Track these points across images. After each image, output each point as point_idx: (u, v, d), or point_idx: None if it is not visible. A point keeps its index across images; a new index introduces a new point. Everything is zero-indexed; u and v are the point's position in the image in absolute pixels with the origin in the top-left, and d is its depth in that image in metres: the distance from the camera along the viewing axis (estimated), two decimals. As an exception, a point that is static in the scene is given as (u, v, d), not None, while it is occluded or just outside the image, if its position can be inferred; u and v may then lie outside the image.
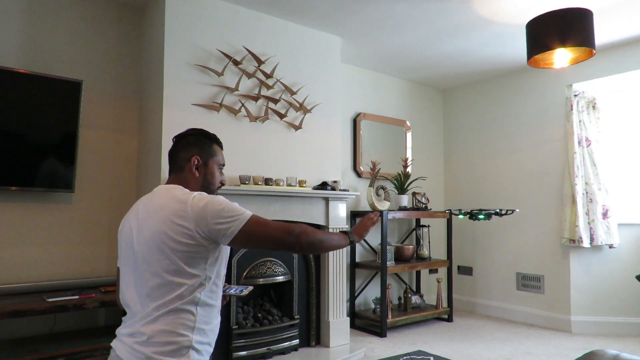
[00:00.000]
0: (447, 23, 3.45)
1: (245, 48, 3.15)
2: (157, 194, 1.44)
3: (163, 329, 1.29)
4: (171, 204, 1.35)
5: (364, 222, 1.65)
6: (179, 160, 1.52)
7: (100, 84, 3.05)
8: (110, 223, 3.05)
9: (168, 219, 1.32)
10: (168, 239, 1.30)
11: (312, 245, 1.43)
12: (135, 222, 1.42)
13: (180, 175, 1.51)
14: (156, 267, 1.32)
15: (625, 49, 3.83)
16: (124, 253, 1.44)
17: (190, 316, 1.32)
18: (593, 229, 3.92)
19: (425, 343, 3.60)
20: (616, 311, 3.91)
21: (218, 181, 1.57)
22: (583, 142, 4.03)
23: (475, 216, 2.60)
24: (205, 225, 1.30)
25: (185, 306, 1.31)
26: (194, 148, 1.52)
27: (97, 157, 3.02)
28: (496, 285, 4.63)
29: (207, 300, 1.36)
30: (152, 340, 1.29)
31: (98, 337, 2.61)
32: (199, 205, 1.32)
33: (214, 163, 1.55)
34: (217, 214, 1.31)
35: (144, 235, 1.35)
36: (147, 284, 1.33)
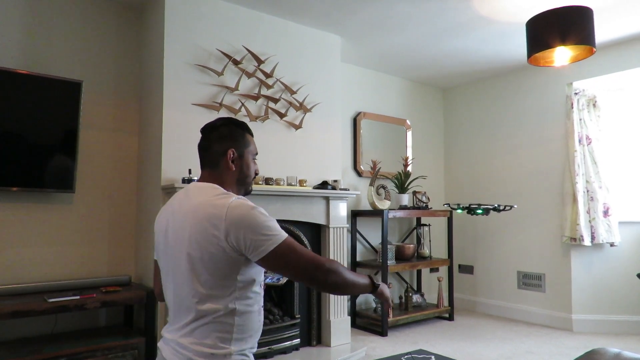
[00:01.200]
0: (447, 22, 3.45)
1: (245, 47, 3.15)
2: (193, 193, 1.34)
3: (202, 342, 1.24)
4: (207, 208, 1.25)
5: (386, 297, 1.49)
6: (212, 154, 1.40)
7: (100, 84, 3.05)
8: (111, 223, 3.05)
9: (202, 225, 1.23)
10: (200, 246, 1.23)
11: (337, 286, 1.31)
12: (171, 222, 1.35)
13: (215, 170, 1.40)
14: (191, 276, 1.25)
15: (625, 47, 3.82)
16: (162, 252, 1.39)
17: (227, 327, 1.26)
18: (594, 227, 3.92)
19: (427, 342, 3.60)
20: (617, 309, 3.90)
21: (253, 172, 1.48)
22: (584, 141, 4.03)
23: (474, 211, 2.60)
24: (236, 237, 1.21)
25: (221, 318, 1.25)
26: (228, 140, 1.41)
27: (98, 157, 3.02)
28: (497, 284, 4.62)
29: (244, 309, 1.28)
30: (191, 350, 1.24)
31: (99, 338, 2.62)
32: (234, 213, 1.22)
33: (249, 153, 1.45)
34: (252, 227, 1.21)
35: (179, 239, 1.29)
36: (183, 292, 1.28)
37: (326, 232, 3.43)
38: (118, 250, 3.07)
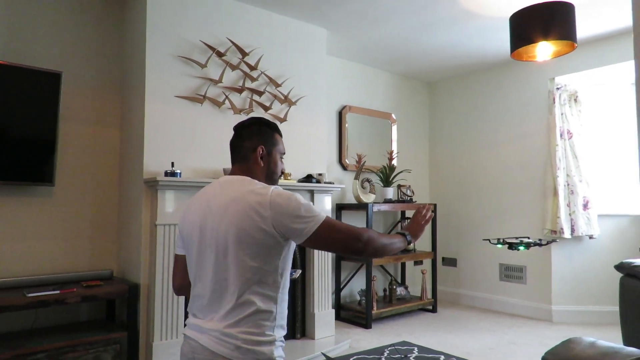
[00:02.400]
0: (433, 15, 3.46)
1: (229, 39, 3.11)
2: (229, 185, 1.42)
3: (249, 330, 1.29)
4: (249, 197, 1.33)
5: (418, 221, 1.64)
6: (243, 150, 1.51)
7: (80, 75, 2.99)
8: (93, 217, 3.01)
9: (246, 213, 1.30)
10: (245, 234, 1.30)
11: (376, 251, 1.44)
12: (209, 215, 1.39)
13: (244, 165, 1.50)
14: (237, 263, 1.31)
15: (606, 42, 3.88)
16: (195, 245, 1.41)
17: (270, 316, 1.33)
18: (574, 220, 3.99)
19: (410, 334, 3.64)
20: (595, 300, 3.99)
21: (280, 170, 1.59)
22: (565, 135, 4.09)
23: (515, 247, 2.63)
24: (281, 223, 1.30)
25: (265, 307, 1.32)
26: (258, 138, 1.52)
27: (78, 150, 2.97)
28: (480, 276, 4.69)
29: (282, 297, 1.37)
30: (239, 339, 1.29)
31: (80, 332, 2.59)
32: (277, 201, 1.31)
33: (277, 152, 1.56)
34: (294, 212, 1.31)
35: (221, 230, 1.33)
36: (226, 281, 1.33)
37: (311, 226, 3.43)
38: (100, 244, 3.03)
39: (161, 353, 2.65)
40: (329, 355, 2.91)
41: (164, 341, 2.67)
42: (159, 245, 2.69)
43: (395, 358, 3.01)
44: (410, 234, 1.60)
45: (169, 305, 2.70)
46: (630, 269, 2.15)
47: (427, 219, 1.66)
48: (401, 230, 1.58)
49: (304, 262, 3.45)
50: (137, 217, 2.81)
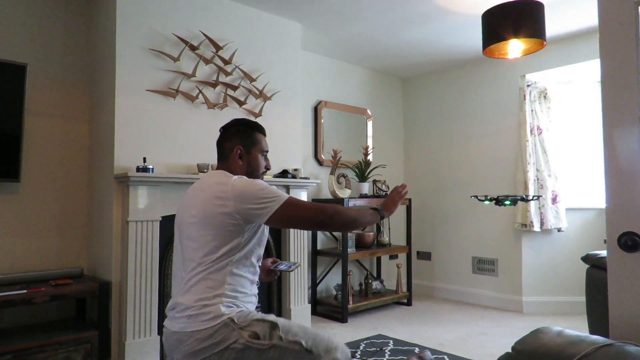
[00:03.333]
0: (407, 12, 3.48)
1: (203, 33, 3.06)
2: (203, 179, 1.60)
3: (196, 297, 1.42)
4: (213, 186, 1.50)
5: (393, 197, 1.72)
6: (224, 150, 1.65)
7: (47, 67, 2.89)
8: (61, 214, 2.92)
9: (209, 199, 1.47)
10: (209, 216, 1.45)
11: (345, 224, 1.55)
12: (183, 207, 1.58)
13: (225, 163, 1.64)
14: (194, 241, 1.47)
15: (573, 41, 3.99)
16: (176, 229, 1.60)
17: (218, 285, 1.44)
18: (543, 214, 4.10)
19: (386, 327, 3.68)
20: (563, 291, 4.12)
21: (262, 167, 1.70)
22: (535, 131, 4.19)
23: (502, 202, 2.68)
24: (243, 208, 1.43)
25: (215, 277, 1.44)
26: (237, 138, 1.64)
27: (45, 145, 2.88)
28: (453, 270, 4.78)
29: (236, 271, 1.48)
30: (186, 305, 1.42)
31: (49, 332, 2.52)
32: (237, 187, 1.46)
33: (257, 151, 1.67)
34: (255, 195, 1.44)
35: (189, 214, 1.51)
36: (187, 258, 1.49)
37: (286, 221, 3.42)
38: (69, 241, 2.95)
39: (134, 352, 2.60)
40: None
41: (137, 339, 2.62)
42: (131, 242, 2.63)
43: (371, 351, 3.04)
44: (384, 209, 1.67)
45: (141, 303, 2.65)
46: (596, 260, 2.23)
47: (402, 196, 1.73)
48: (374, 206, 1.66)
49: (280, 257, 3.44)
50: (107, 214, 2.74)
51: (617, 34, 1.26)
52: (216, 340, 1.39)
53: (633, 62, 1.24)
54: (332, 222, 1.50)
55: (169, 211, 2.80)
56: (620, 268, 1.24)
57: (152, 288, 2.70)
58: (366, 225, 1.61)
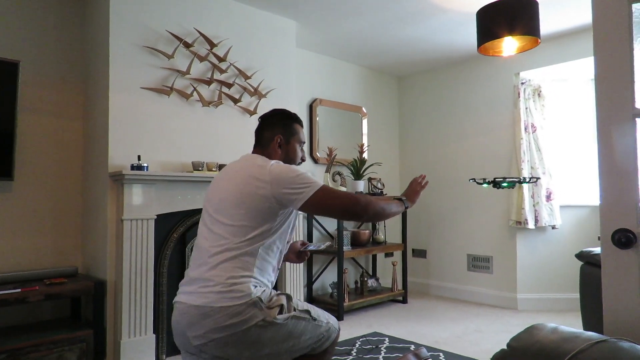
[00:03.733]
0: (402, 9, 3.48)
1: (197, 30, 3.05)
2: (241, 160, 1.65)
3: (225, 274, 1.44)
4: (252, 167, 1.54)
5: (414, 188, 1.80)
6: (263, 139, 1.70)
7: (40, 65, 2.87)
8: (55, 212, 2.91)
9: (247, 180, 1.51)
10: (244, 196, 1.49)
11: (377, 214, 1.59)
12: (218, 182, 1.62)
13: (265, 151, 1.69)
14: (227, 218, 1.50)
15: (567, 39, 4.01)
16: (206, 205, 1.63)
17: (248, 265, 1.48)
18: (538, 211, 4.12)
19: (381, 325, 3.69)
20: (558, 288, 4.15)
21: (299, 157, 1.75)
22: (529, 128, 4.21)
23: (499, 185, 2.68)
24: (279, 191, 1.47)
25: (245, 257, 1.47)
26: (278, 128, 1.69)
27: (39, 143, 2.86)
28: (448, 267, 4.79)
29: (264, 256, 1.52)
30: (216, 282, 1.44)
31: (44, 332, 2.50)
32: (275, 171, 1.50)
33: (295, 141, 1.73)
34: (292, 180, 1.48)
35: (225, 189, 1.55)
36: (216, 232, 1.51)
37: (282, 219, 3.42)
38: (63, 240, 2.94)
39: (130, 350, 2.59)
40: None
41: (133, 338, 2.62)
42: (126, 240, 2.62)
43: (367, 349, 3.05)
44: (408, 199, 1.76)
45: (137, 302, 2.64)
46: (590, 257, 2.24)
47: (423, 186, 1.82)
48: (398, 196, 1.73)
49: (276, 256, 3.44)
50: (102, 212, 2.73)
51: (611, 32, 1.27)
52: (244, 317, 1.42)
53: (626, 59, 1.25)
54: (364, 213, 1.54)
55: (164, 209, 2.78)
56: (614, 264, 1.25)
57: (148, 287, 2.69)
58: (393, 215, 1.68)
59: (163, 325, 2.79)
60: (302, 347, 1.57)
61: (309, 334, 1.58)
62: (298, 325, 1.55)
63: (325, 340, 1.64)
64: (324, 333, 1.63)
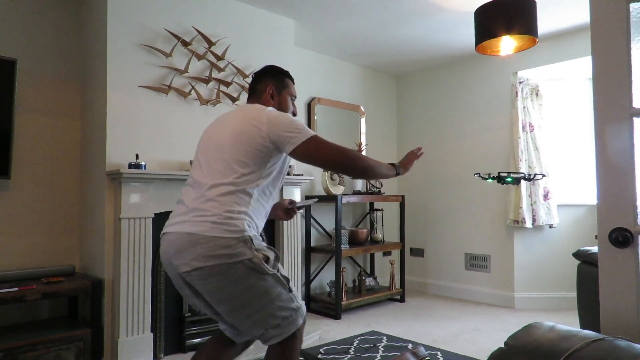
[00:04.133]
0: (400, 8, 3.48)
1: (195, 28, 3.04)
2: (237, 109, 1.74)
3: (221, 207, 1.50)
4: (250, 112, 1.63)
5: (410, 158, 1.87)
6: (257, 91, 1.81)
7: (37, 63, 2.86)
8: (52, 211, 2.90)
9: (246, 121, 1.59)
10: (243, 134, 1.56)
11: (365, 170, 1.64)
12: (215, 126, 1.69)
13: (257, 101, 1.78)
14: (226, 154, 1.56)
15: (564, 39, 4.01)
16: (202, 146, 1.68)
17: (244, 202, 1.54)
18: (535, 210, 4.13)
19: (379, 323, 3.69)
20: (555, 287, 4.16)
21: (290, 110, 1.85)
22: (527, 128, 4.22)
23: (503, 180, 2.69)
24: (274, 132, 1.55)
25: (241, 194, 1.53)
26: (269, 79, 1.81)
27: (36, 141, 2.85)
28: (446, 266, 4.80)
29: (258, 198, 1.59)
30: (212, 212, 1.49)
31: (40, 330, 2.50)
32: (273, 114, 1.60)
33: (287, 93, 1.83)
34: (287, 124, 1.57)
35: (222, 129, 1.63)
36: (213, 167, 1.57)
37: (280, 218, 3.42)
38: (61, 239, 2.93)
39: (127, 349, 2.59)
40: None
41: (130, 337, 2.61)
42: (124, 239, 2.62)
43: (365, 348, 3.05)
44: (401, 166, 1.81)
45: (134, 301, 2.64)
46: (587, 256, 2.25)
47: (417, 156, 1.89)
48: (392, 162, 1.79)
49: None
50: (99, 211, 2.72)
51: (608, 31, 1.27)
52: (233, 252, 1.47)
53: (624, 59, 1.25)
54: (352, 165, 1.59)
55: (162, 208, 2.78)
56: (611, 263, 1.26)
57: (145, 285, 2.68)
58: (382, 176, 1.72)
59: (161, 324, 2.79)
60: (270, 315, 1.55)
61: (281, 302, 1.57)
62: (276, 287, 1.56)
63: (292, 322, 1.61)
64: (293, 311, 1.61)
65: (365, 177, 1.69)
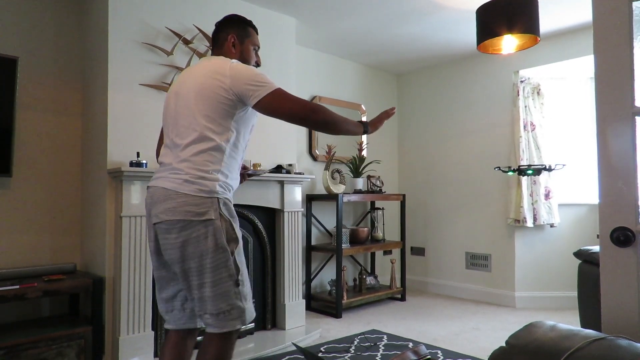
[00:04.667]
0: (401, 7, 3.47)
1: (196, 27, 3.04)
2: (200, 62, 1.72)
3: (194, 167, 1.55)
4: (213, 65, 1.62)
5: (381, 117, 1.85)
6: (219, 39, 1.79)
7: (38, 61, 2.86)
8: (53, 209, 2.90)
9: (209, 75, 1.58)
10: (207, 88, 1.56)
11: (326, 123, 1.61)
12: (179, 83, 1.68)
13: (220, 51, 1.77)
14: (194, 109, 1.57)
15: (566, 37, 4.01)
16: (169, 109, 1.69)
17: (216, 160, 1.58)
18: (536, 210, 4.13)
19: (379, 322, 3.70)
20: (556, 286, 4.16)
21: (253, 60, 1.84)
22: (528, 127, 4.21)
23: (524, 172, 2.74)
24: (238, 85, 1.55)
25: (213, 152, 1.57)
26: (231, 28, 1.79)
27: (38, 139, 2.86)
28: (447, 265, 4.80)
29: (230, 153, 1.62)
30: (185, 172, 1.55)
31: (42, 328, 2.50)
32: (237, 67, 1.59)
33: (249, 43, 1.82)
34: (250, 77, 1.56)
35: (188, 86, 1.62)
36: (183, 125, 1.59)
37: (281, 216, 3.42)
38: (62, 237, 2.93)
39: (128, 347, 2.60)
40: (299, 345, 2.92)
41: (131, 335, 2.62)
42: (125, 237, 2.62)
43: (365, 346, 3.06)
44: (370, 125, 1.79)
45: (136, 299, 2.64)
46: (588, 255, 2.24)
47: (389, 116, 1.88)
48: (362, 120, 1.77)
49: (274, 254, 3.45)
50: (101, 209, 2.73)
51: (611, 30, 1.27)
52: (200, 210, 1.52)
53: (626, 58, 1.25)
54: (316, 119, 1.57)
55: (163, 206, 2.78)
56: (613, 263, 1.25)
57: (147, 283, 2.69)
58: (347, 132, 1.69)
59: (162, 322, 2.79)
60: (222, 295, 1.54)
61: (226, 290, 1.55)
62: (222, 265, 1.55)
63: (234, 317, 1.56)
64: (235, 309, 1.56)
65: (329, 131, 1.64)
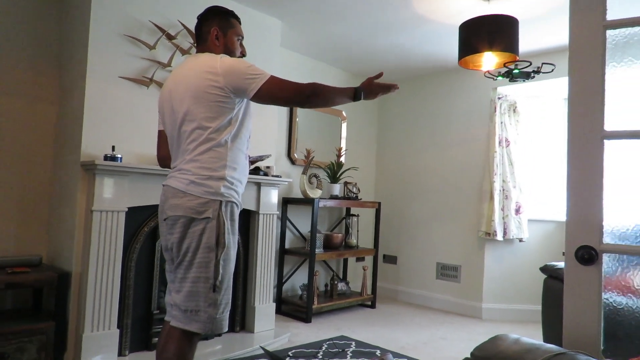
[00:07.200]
0: (386, 17, 3.52)
1: (181, 22, 3.01)
2: (187, 61, 1.73)
3: (200, 166, 1.60)
4: (201, 63, 1.63)
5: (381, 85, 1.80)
6: (202, 34, 1.79)
7: (14, 45, 2.78)
8: (21, 198, 2.81)
9: (200, 74, 1.60)
10: (201, 89, 1.58)
11: (319, 103, 1.68)
12: (172, 85, 1.69)
13: (204, 46, 1.77)
14: (194, 112, 1.60)
15: (544, 58, 4.11)
16: (166, 115, 1.72)
17: (221, 156, 1.62)
18: (506, 224, 4.22)
19: (349, 328, 3.71)
20: (522, 299, 4.26)
21: (238, 50, 1.84)
22: (503, 143, 4.31)
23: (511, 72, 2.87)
24: (232, 80, 1.58)
25: (217, 149, 1.61)
26: (213, 21, 1.78)
27: (8, 125, 2.77)
28: (418, 274, 4.86)
29: (235, 146, 1.66)
30: (193, 172, 1.60)
31: (2, 322, 2.42)
32: (227, 62, 1.61)
33: (233, 34, 1.82)
34: (243, 71, 1.59)
35: (182, 89, 1.63)
36: (184, 129, 1.63)
37: (256, 218, 3.41)
38: (28, 228, 2.85)
39: (92, 344, 2.53)
40: (267, 348, 2.91)
41: (95, 332, 2.55)
42: (94, 232, 2.56)
43: (333, 352, 3.06)
44: (365, 93, 1.77)
45: (102, 296, 2.58)
46: (553, 271, 2.31)
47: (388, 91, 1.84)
48: (358, 88, 1.76)
49: (247, 255, 3.42)
50: (71, 202, 2.66)
51: (585, 55, 1.32)
52: (201, 210, 1.59)
53: (599, 82, 1.30)
54: (308, 101, 1.63)
55: (136, 202, 2.73)
56: (576, 280, 1.30)
57: (114, 280, 2.63)
58: (344, 102, 1.75)
59: (128, 320, 2.74)
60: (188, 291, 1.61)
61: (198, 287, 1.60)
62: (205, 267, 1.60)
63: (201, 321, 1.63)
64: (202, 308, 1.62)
65: (323, 107, 1.72)
